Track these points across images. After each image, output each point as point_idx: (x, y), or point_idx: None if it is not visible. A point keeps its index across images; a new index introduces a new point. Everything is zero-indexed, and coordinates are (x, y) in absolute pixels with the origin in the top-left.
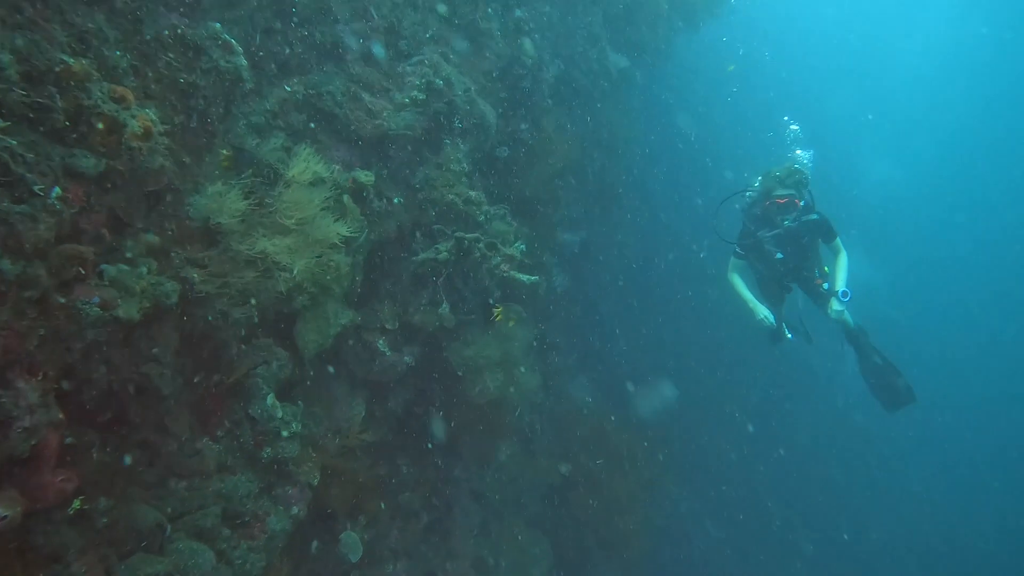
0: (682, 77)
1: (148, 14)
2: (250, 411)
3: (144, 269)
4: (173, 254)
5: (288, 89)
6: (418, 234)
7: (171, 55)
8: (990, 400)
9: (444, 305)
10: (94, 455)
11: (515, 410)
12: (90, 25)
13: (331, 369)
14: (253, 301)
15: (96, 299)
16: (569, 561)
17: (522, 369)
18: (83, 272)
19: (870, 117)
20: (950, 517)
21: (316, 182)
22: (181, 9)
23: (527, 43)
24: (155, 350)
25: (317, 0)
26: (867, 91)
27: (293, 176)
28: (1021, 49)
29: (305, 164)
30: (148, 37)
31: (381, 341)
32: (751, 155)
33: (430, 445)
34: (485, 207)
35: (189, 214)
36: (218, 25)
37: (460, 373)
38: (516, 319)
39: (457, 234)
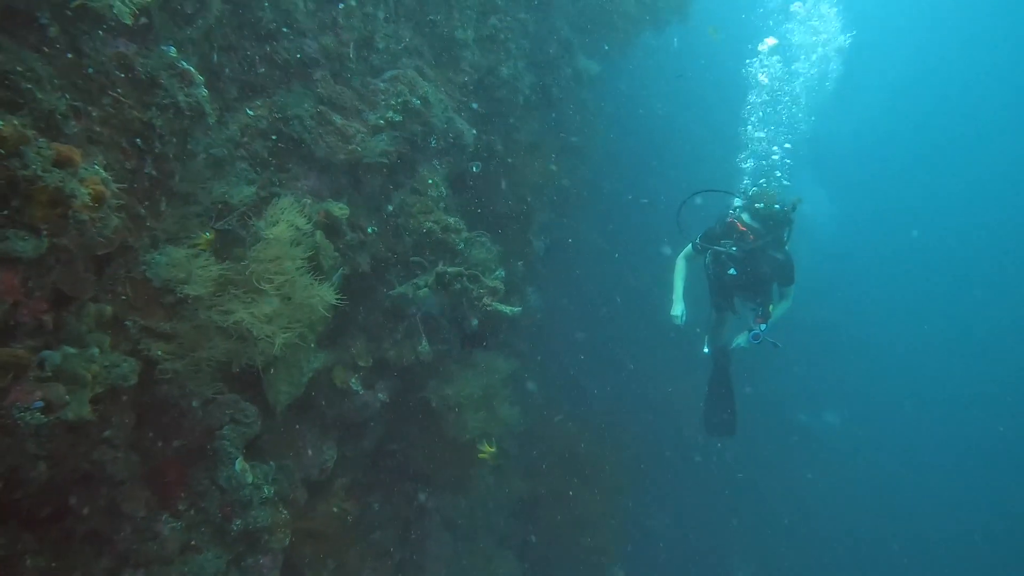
0: (647, 77)
1: (89, 43)
2: (217, 479)
3: (95, 350)
4: (129, 323)
5: (251, 113)
6: (394, 265)
7: (119, 90)
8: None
9: (424, 343)
10: (27, 562)
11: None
12: (17, 66)
13: (300, 415)
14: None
15: (38, 402)
16: (538, 570)
17: (504, 404)
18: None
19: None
20: (916, 517)
21: (296, 237)
22: (128, 34)
23: (503, 69)
24: (108, 432)
25: (281, 13)
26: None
27: (272, 235)
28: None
29: (287, 222)
30: (90, 71)
31: (354, 379)
32: (712, 153)
33: (405, 476)
34: (464, 234)
35: (146, 275)
36: (173, 50)
37: (440, 413)
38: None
39: (438, 269)
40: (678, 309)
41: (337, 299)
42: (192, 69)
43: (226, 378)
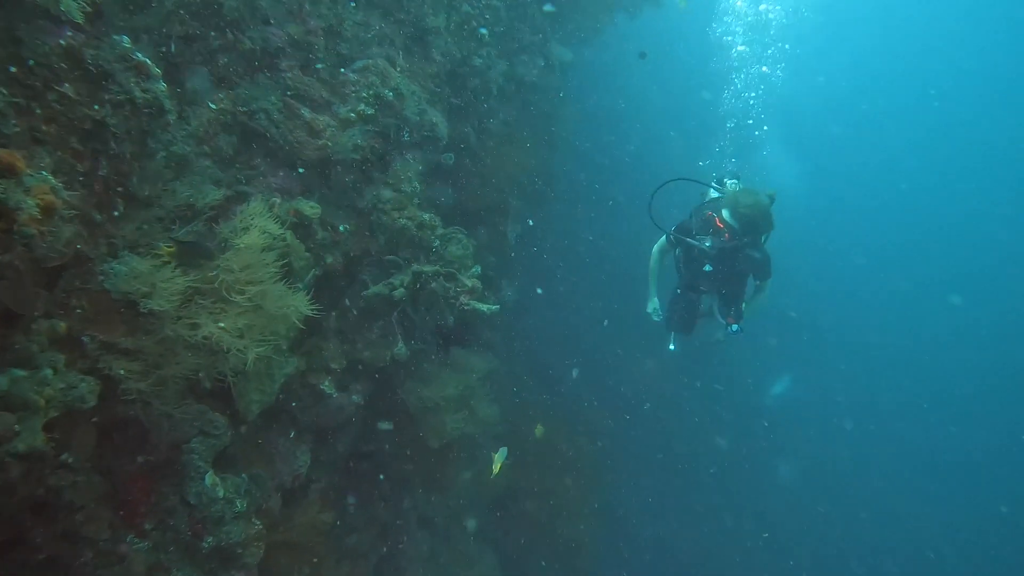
0: (619, 64)
1: (28, 31)
2: (186, 495)
3: (48, 371)
4: (86, 339)
5: (214, 107)
6: (367, 264)
7: (67, 85)
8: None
9: (400, 345)
10: None
11: (472, 444)
12: None
13: (272, 421)
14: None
15: None
16: (515, 565)
17: (482, 403)
18: None
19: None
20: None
21: (269, 244)
22: (74, 23)
23: (476, 58)
24: (65, 456)
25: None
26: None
27: (244, 243)
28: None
29: (259, 229)
30: (32, 63)
31: (327, 382)
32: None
33: (381, 477)
34: (439, 230)
35: (104, 286)
36: (126, 40)
37: (418, 416)
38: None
39: (414, 268)
40: (653, 305)
41: (312, 310)
42: (148, 61)
43: (193, 389)
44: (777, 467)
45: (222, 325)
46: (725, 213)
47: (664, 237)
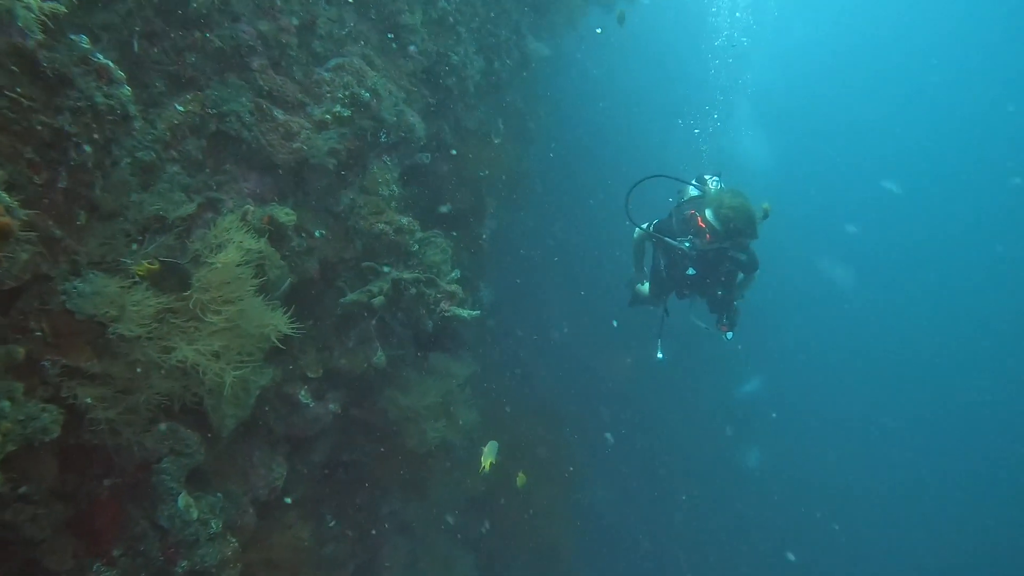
0: (596, 58)
1: None
2: (157, 519)
3: (5, 403)
4: (47, 364)
5: (181, 109)
6: (344, 269)
7: (19, 89)
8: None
9: (379, 354)
10: None
11: (452, 450)
12: None
13: (247, 433)
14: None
15: None
16: (494, 566)
17: (462, 409)
18: None
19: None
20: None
21: (245, 259)
22: None
23: (453, 56)
24: (24, 489)
25: None
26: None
27: (220, 262)
28: None
29: (236, 245)
30: None
31: (303, 392)
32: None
33: (361, 485)
34: (418, 234)
35: (67, 306)
36: (85, 40)
37: (398, 424)
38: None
39: (393, 275)
40: (643, 284)
41: (292, 328)
42: (111, 64)
43: (165, 409)
44: (748, 461)
45: (198, 348)
46: (708, 213)
47: (638, 230)
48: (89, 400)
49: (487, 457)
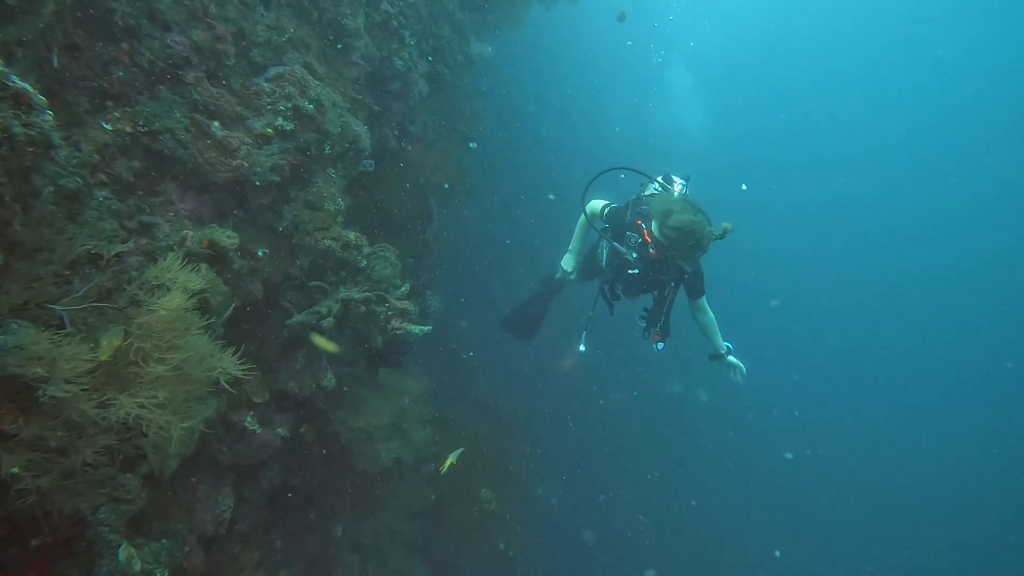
0: (535, 56)
1: None
2: (96, 575)
3: None
4: None
5: (109, 128)
6: (289, 288)
7: None
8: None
9: (329, 375)
10: None
11: (404, 468)
12: None
13: (190, 467)
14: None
15: None
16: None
17: (416, 426)
18: None
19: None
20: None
21: (190, 302)
22: None
23: (398, 60)
24: None
25: (139, 2)
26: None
27: (164, 308)
28: None
29: (180, 288)
30: None
31: (249, 419)
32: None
33: (311, 510)
34: (366, 249)
35: None
36: None
37: (350, 446)
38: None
39: (343, 295)
40: (570, 264)
41: (242, 371)
42: (29, 88)
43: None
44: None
45: (140, 401)
46: (654, 226)
47: (584, 218)
48: (16, 470)
49: (448, 460)
